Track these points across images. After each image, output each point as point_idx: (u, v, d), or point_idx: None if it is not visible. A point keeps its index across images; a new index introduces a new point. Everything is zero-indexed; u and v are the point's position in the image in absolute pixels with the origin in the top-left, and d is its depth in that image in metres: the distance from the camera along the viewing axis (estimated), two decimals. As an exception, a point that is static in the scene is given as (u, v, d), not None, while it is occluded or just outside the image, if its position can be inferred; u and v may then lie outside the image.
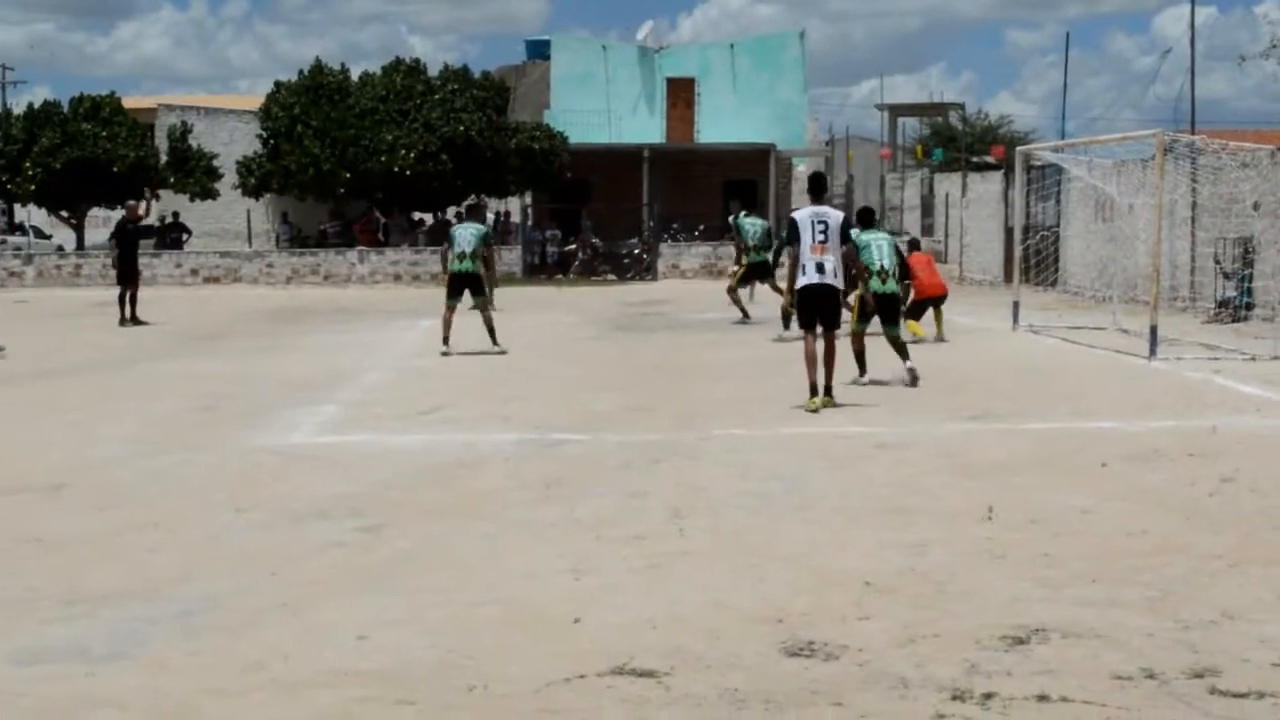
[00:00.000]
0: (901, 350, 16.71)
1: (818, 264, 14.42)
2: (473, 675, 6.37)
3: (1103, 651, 6.61)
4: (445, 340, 20.86)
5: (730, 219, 26.87)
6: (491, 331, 21.22)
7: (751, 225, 26.15)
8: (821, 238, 14.53)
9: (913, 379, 16.20)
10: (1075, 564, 8.31)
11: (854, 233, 16.29)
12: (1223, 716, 5.77)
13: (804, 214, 14.80)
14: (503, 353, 20.84)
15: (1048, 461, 11.74)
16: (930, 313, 22.72)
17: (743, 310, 26.33)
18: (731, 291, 26.66)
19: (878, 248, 17.08)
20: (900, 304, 18.09)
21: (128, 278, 28.74)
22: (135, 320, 28.12)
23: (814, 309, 14.69)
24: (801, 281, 14.54)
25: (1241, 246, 25.68)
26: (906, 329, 20.22)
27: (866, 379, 16.24)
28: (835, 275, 14.58)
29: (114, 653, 6.82)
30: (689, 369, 19.01)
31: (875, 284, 16.73)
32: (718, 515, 9.78)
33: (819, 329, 14.71)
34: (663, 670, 6.39)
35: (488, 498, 10.56)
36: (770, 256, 25.78)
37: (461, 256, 21.08)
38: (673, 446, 12.58)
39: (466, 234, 21.35)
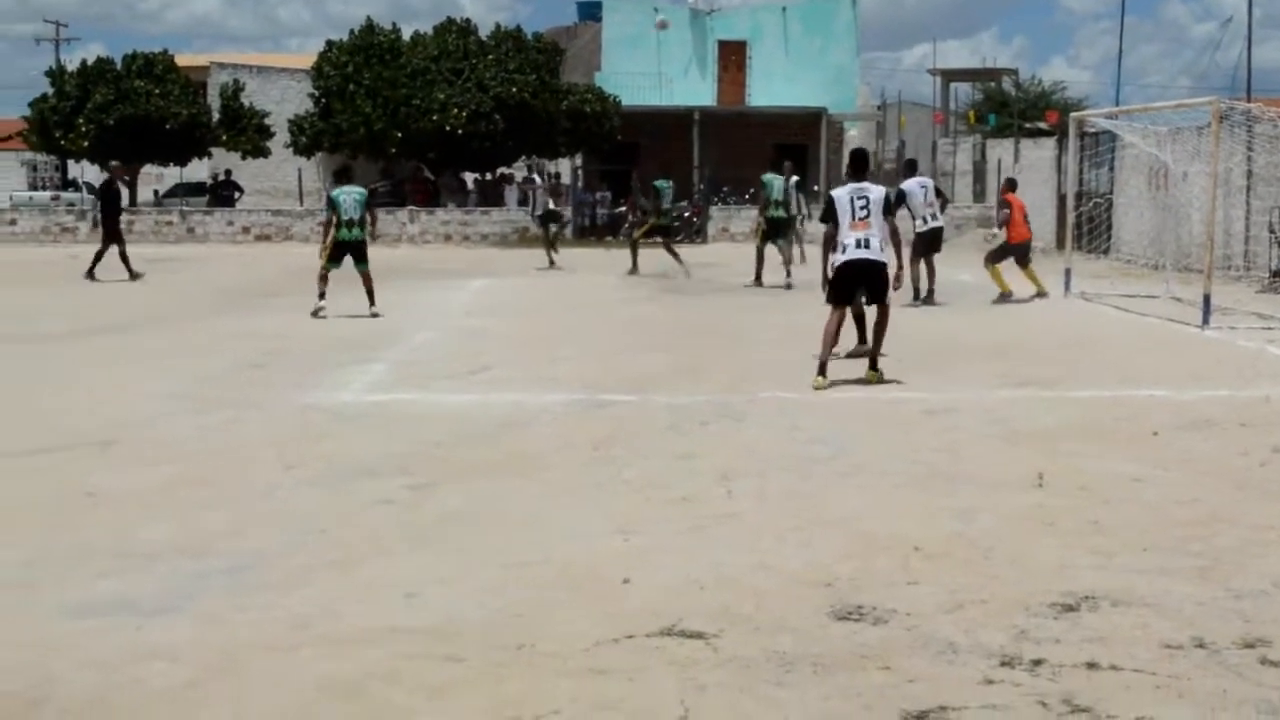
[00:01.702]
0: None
1: (858, 239, 14.09)
2: (521, 634, 6.38)
3: (1152, 620, 6.58)
4: (321, 296, 20.78)
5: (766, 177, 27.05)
6: (371, 294, 20.91)
7: (775, 180, 26.36)
8: (863, 213, 14.26)
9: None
10: (1125, 532, 8.27)
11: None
12: (1274, 686, 5.73)
13: (843, 191, 14.50)
14: (376, 315, 20.48)
15: (1098, 429, 11.68)
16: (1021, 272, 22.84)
17: (757, 273, 26.54)
18: (758, 251, 26.82)
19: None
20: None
21: (112, 235, 28.84)
22: (132, 274, 28.21)
23: (853, 284, 14.39)
24: (841, 259, 14.20)
25: (1296, 216, 25.48)
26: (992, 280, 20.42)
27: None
28: (880, 250, 14.24)
29: (164, 607, 6.86)
30: (737, 332, 18.98)
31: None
32: (765, 478, 9.77)
33: (863, 303, 14.56)
34: (711, 632, 6.39)
35: (536, 458, 10.56)
36: (785, 213, 26.56)
37: (350, 224, 20.87)
38: (720, 408, 12.57)
39: (350, 200, 20.97)
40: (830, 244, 14.32)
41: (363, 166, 49.52)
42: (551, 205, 34.42)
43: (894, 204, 14.79)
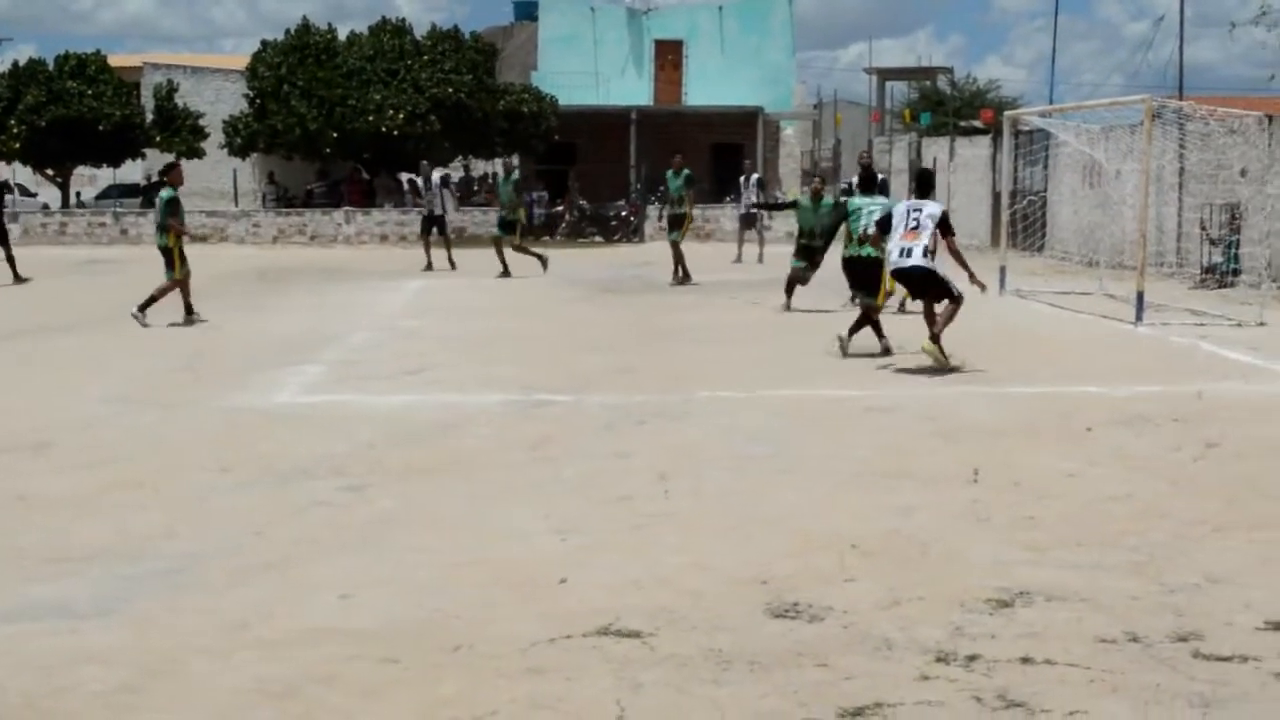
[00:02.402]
0: (875, 325, 16.49)
1: (904, 249, 14.85)
2: (458, 634, 6.38)
3: (1087, 615, 6.63)
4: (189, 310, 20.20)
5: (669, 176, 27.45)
6: (150, 301, 19.77)
7: (678, 179, 27.29)
8: (913, 225, 15.00)
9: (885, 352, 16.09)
10: (1060, 528, 8.33)
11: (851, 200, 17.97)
12: (1206, 680, 5.78)
13: (902, 207, 15.46)
14: (139, 319, 19.44)
15: (1033, 426, 11.75)
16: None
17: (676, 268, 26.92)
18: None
19: (869, 214, 17.09)
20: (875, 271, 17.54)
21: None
22: (18, 279, 27.73)
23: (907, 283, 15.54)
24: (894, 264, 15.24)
25: (1228, 213, 25.69)
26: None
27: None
28: (924, 257, 14.92)
29: (99, 610, 6.82)
30: (674, 331, 18.98)
31: (853, 248, 17.14)
32: (703, 477, 9.78)
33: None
34: (648, 631, 6.39)
35: (473, 458, 10.55)
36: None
37: (158, 228, 20.48)
38: (658, 408, 12.58)
39: (158, 203, 20.43)
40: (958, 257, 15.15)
41: (299, 167, 49.42)
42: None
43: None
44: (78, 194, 56.55)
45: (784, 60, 56.40)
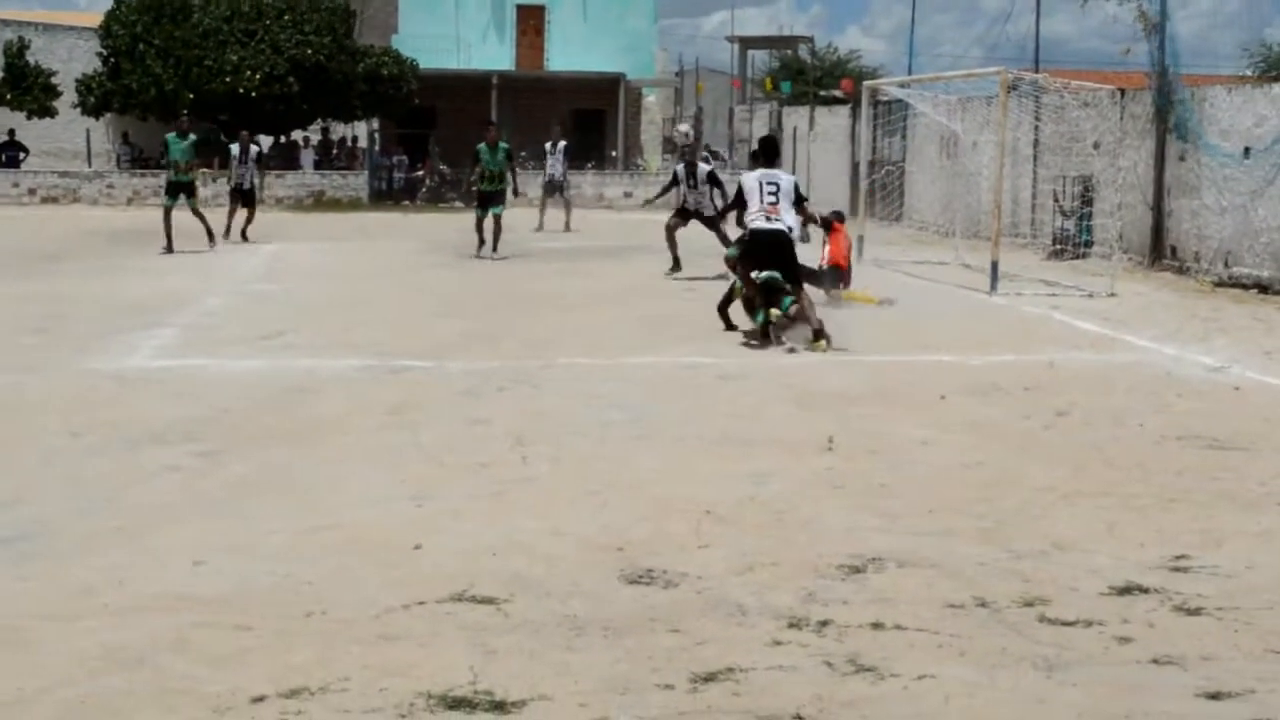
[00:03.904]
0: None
1: (768, 218, 14.42)
2: (311, 601, 6.33)
3: (936, 580, 6.72)
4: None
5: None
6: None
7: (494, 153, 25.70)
8: (772, 200, 14.53)
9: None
10: (912, 495, 8.44)
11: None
12: (1051, 644, 5.89)
13: (753, 177, 14.74)
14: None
15: (887, 393, 11.88)
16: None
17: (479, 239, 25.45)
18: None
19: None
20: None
21: None
22: None
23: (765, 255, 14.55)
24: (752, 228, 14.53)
25: (1081, 185, 26.05)
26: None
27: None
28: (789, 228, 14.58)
29: (-58, 577, 6.69)
30: (534, 297, 18.94)
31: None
32: (560, 444, 9.79)
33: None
34: (502, 597, 6.39)
35: (329, 424, 10.47)
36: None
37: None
38: (516, 374, 12.56)
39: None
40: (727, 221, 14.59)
41: (154, 127, 48.50)
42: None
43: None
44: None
45: (646, 27, 56.30)
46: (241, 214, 28.97)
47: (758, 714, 5.14)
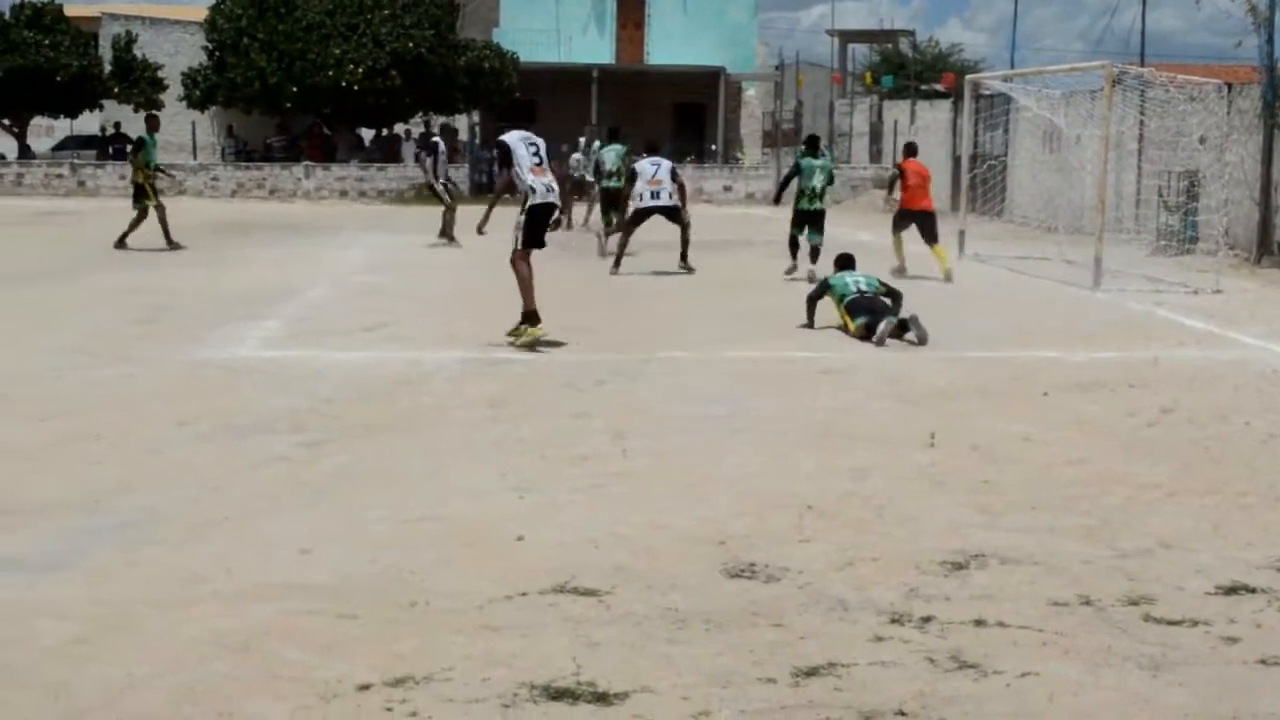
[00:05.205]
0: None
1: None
2: (415, 590, 6.38)
3: (1040, 578, 6.68)
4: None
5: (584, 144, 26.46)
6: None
7: (610, 152, 26.62)
8: (536, 160, 14.37)
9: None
10: (1015, 491, 8.39)
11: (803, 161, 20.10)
12: (1156, 643, 5.84)
13: (515, 136, 14.52)
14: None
15: (989, 390, 11.81)
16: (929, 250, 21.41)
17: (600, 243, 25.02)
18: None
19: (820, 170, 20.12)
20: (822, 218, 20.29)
21: None
22: None
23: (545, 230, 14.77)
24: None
25: (1187, 180, 25.78)
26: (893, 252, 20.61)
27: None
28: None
29: (54, 563, 6.80)
30: (631, 291, 18.98)
31: (804, 203, 20.01)
32: (660, 437, 9.80)
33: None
34: (604, 589, 6.41)
35: (431, 415, 10.54)
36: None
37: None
38: (616, 367, 12.59)
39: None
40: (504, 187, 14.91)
41: (258, 121, 49.09)
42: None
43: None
44: (26, 145, 56.14)
45: (746, 20, 56.29)
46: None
47: (859, 709, 5.14)
